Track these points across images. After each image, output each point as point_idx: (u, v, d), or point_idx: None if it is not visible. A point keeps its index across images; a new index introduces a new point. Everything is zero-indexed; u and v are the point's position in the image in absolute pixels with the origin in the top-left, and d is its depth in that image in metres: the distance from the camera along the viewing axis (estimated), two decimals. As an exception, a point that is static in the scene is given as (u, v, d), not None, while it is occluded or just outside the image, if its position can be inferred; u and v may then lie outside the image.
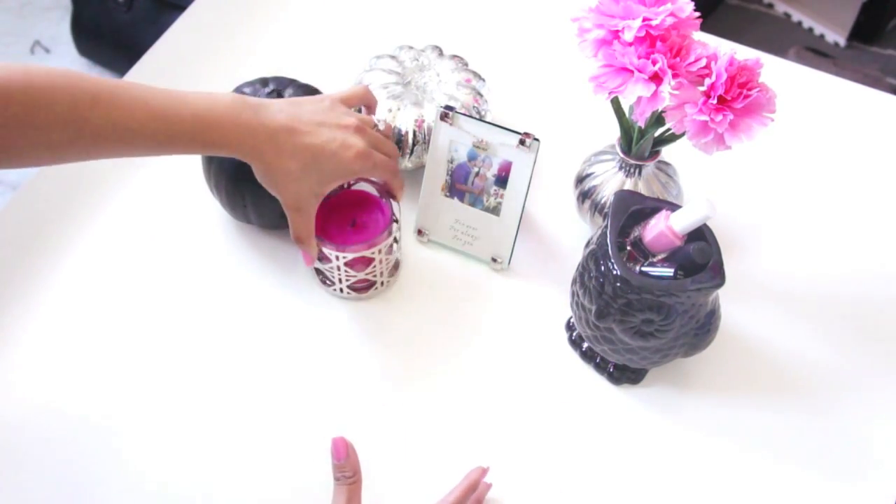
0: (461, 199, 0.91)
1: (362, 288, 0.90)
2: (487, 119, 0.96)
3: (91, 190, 0.98)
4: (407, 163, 0.95)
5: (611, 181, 0.89)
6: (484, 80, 0.98)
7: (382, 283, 0.90)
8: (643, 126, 0.82)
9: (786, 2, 2.20)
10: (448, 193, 0.91)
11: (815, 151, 1.05)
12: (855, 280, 0.94)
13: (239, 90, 0.91)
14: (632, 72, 0.74)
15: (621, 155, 0.87)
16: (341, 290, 0.89)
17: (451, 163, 0.89)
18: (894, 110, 1.10)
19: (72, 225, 0.95)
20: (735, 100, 0.74)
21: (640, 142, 0.84)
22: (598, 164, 0.91)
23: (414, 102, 0.93)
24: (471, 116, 0.87)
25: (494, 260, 0.92)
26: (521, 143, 0.85)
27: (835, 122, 1.09)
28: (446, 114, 0.87)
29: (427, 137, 0.92)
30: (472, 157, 0.88)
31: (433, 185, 0.91)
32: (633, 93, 0.74)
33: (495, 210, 0.90)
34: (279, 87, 0.90)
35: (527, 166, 0.86)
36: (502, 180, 0.88)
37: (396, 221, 0.88)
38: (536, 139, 0.85)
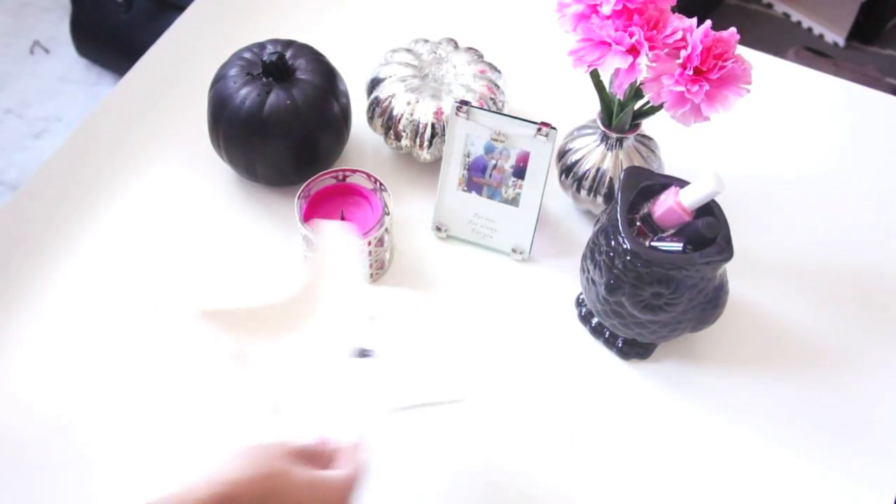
0: (479, 193, 0.91)
1: None
2: (505, 110, 0.96)
3: (90, 192, 0.98)
4: (426, 155, 0.95)
5: (591, 154, 0.90)
6: (500, 71, 0.98)
7: (372, 276, 0.91)
8: (622, 98, 0.83)
9: (785, 2, 2.20)
10: (465, 188, 0.92)
11: (815, 151, 1.05)
12: (860, 259, 0.95)
13: (238, 56, 0.94)
14: (609, 45, 0.75)
15: (602, 128, 0.88)
16: None
17: (468, 157, 0.90)
18: (894, 110, 1.10)
19: (72, 224, 0.95)
20: (711, 70, 0.74)
21: (621, 115, 0.85)
22: (580, 139, 0.92)
23: (432, 95, 0.94)
24: (485, 109, 0.87)
25: (514, 251, 0.93)
26: (539, 132, 0.86)
27: (834, 122, 1.09)
28: (460, 108, 0.87)
29: (446, 129, 0.92)
30: (488, 150, 0.89)
31: (450, 180, 0.91)
32: (611, 65, 0.75)
33: (514, 201, 0.90)
34: (281, 48, 0.93)
35: (545, 156, 0.87)
36: (520, 171, 0.89)
37: (388, 214, 0.88)
38: (554, 128, 0.85)
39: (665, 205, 0.76)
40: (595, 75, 0.83)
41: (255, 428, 0.70)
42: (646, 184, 0.78)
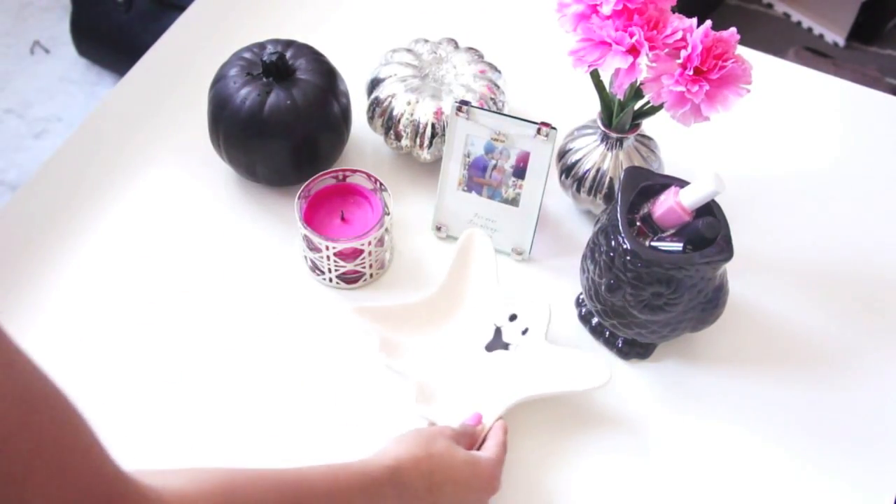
0: (479, 193, 0.92)
1: (352, 279, 0.90)
2: (505, 110, 0.96)
3: (90, 192, 0.98)
4: (426, 155, 0.95)
5: (591, 154, 0.90)
6: (500, 71, 0.98)
7: (372, 276, 0.91)
8: (622, 98, 0.83)
9: (785, 2, 2.20)
10: (465, 188, 0.92)
11: (815, 151, 1.05)
12: (860, 259, 0.95)
13: (238, 56, 0.94)
14: (610, 45, 0.75)
15: (602, 128, 0.88)
16: (331, 279, 0.90)
17: (468, 157, 0.90)
18: (894, 110, 1.11)
19: (72, 224, 0.95)
20: (711, 71, 0.75)
21: (621, 115, 0.85)
22: (580, 139, 0.92)
23: (432, 95, 0.94)
24: (485, 109, 0.87)
25: (514, 251, 0.93)
26: (539, 132, 0.86)
27: (834, 122, 1.09)
28: (460, 108, 0.87)
29: (446, 129, 0.92)
30: (489, 150, 0.89)
31: (450, 180, 0.92)
32: (611, 65, 0.75)
33: (514, 201, 0.91)
34: (281, 48, 0.93)
35: (545, 156, 0.87)
36: (520, 171, 0.89)
37: (388, 214, 0.88)
38: (554, 128, 0.86)
39: (665, 205, 0.76)
40: (595, 75, 0.83)
41: (408, 413, 0.79)
42: (646, 184, 0.79)
